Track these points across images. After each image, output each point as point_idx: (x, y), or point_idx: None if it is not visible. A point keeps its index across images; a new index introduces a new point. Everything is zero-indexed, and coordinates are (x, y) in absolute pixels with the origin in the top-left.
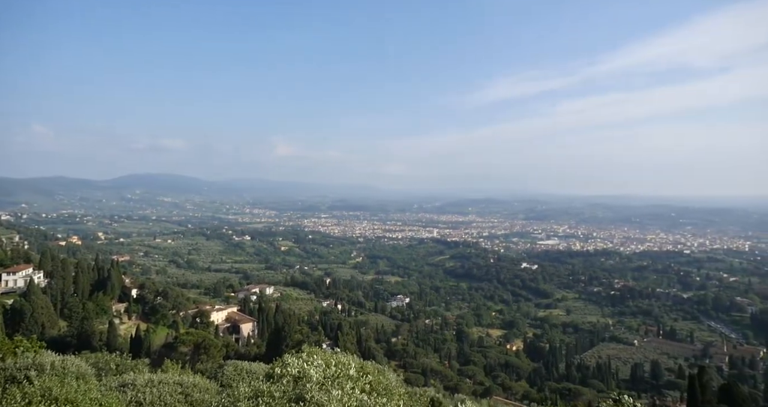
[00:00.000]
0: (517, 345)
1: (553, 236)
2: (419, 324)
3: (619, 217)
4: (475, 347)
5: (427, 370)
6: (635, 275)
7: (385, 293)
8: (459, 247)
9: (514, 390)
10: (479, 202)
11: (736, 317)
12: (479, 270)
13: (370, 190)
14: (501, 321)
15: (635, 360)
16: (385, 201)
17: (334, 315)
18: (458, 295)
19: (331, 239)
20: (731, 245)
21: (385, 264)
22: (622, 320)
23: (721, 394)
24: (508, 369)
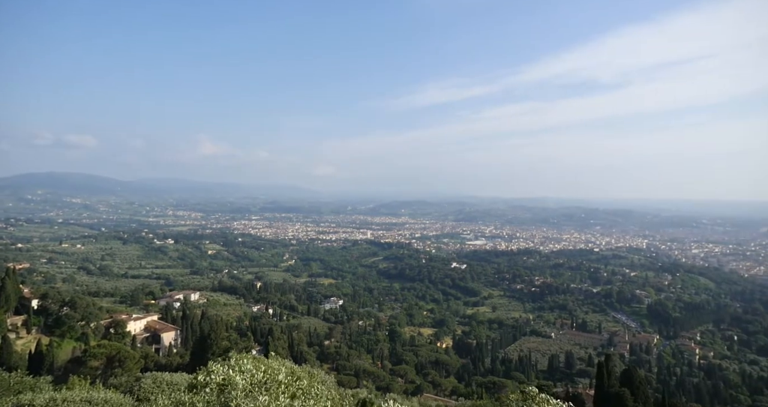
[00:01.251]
0: (446, 343)
1: (480, 237)
2: (353, 325)
3: (538, 218)
4: (407, 346)
5: (359, 371)
6: (553, 272)
7: (318, 296)
8: (392, 248)
9: (443, 387)
10: (411, 204)
11: (636, 308)
12: (412, 271)
13: (303, 191)
14: (432, 320)
15: (552, 352)
16: (319, 203)
17: (264, 319)
18: (391, 295)
19: (262, 241)
20: (632, 243)
21: (319, 266)
22: (542, 314)
23: (623, 378)
24: (438, 367)
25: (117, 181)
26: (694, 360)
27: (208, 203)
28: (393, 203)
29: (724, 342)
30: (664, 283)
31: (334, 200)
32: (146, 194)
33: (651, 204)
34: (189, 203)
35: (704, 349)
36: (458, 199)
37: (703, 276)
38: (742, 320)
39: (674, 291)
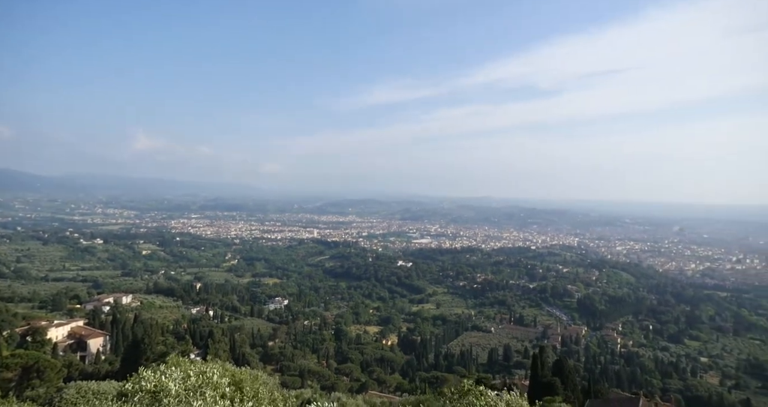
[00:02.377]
0: (392, 340)
1: (426, 235)
2: (298, 325)
3: (481, 217)
4: (353, 344)
5: (304, 371)
6: (494, 269)
7: (262, 296)
8: (339, 247)
9: (388, 383)
10: (359, 202)
11: (568, 302)
12: (358, 269)
13: (248, 189)
14: (378, 318)
15: (492, 346)
16: (264, 201)
17: (204, 322)
18: (338, 294)
19: (203, 241)
20: (565, 241)
21: (263, 266)
22: (483, 310)
23: (554, 368)
24: (384, 364)
25: (36, 176)
26: (616, 349)
27: (144, 201)
28: (341, 202)
29: (642, 332)
30: (592, 278)
31: (281, 198)
32: (72, 191)
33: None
34: (121, 200)
35: (625, 338)
36: (406, 198)
37: (625, 272)
38: (657, 311)
39: (601, 286)
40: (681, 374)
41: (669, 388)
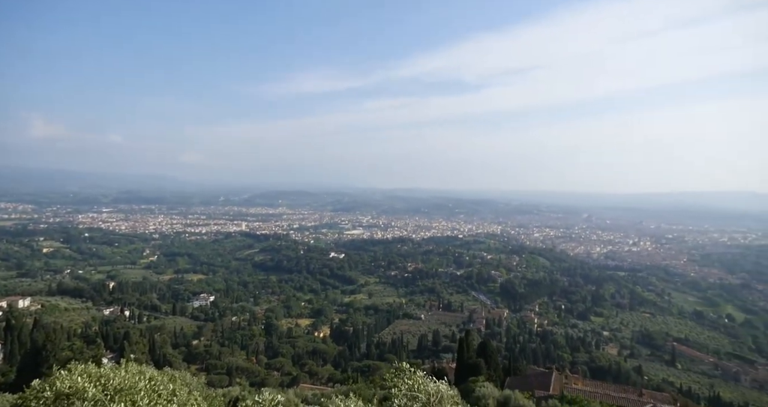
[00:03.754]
0: (324, 332)
1: (358, 226)
2: (225, 322)
3: (411, 207)
4: (284, 338)
5: (232, 369)
6: (424, 258)
7: (185, 293)
8: (269, 240)
9: (320, 375)
10: (290, 194)
11: (491, 287)
12: (289, 262)
13: (168, 180)
14: (310, 310)
15: (422, 332)
16: (187, 193)
17: (119, 323)
18: (268, 288)
19: (116, 236)
20: (489, 229)
21: (187, 262)
22: (413, 298)
23: (479, 350)
24: (316, 356)
25: None
26: (534, 329)
27: (42, 194)
28: (270, 194)
29: (555, 311)
30: (513, 264)
31: (205, 190)
32: None
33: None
34: (15, 192)
35: (541, 318)
36: (338, 189)
37: (541, 256)
38: (568, 291)
39: (521, 270)
40: (587, 347)
41: (577, 361)
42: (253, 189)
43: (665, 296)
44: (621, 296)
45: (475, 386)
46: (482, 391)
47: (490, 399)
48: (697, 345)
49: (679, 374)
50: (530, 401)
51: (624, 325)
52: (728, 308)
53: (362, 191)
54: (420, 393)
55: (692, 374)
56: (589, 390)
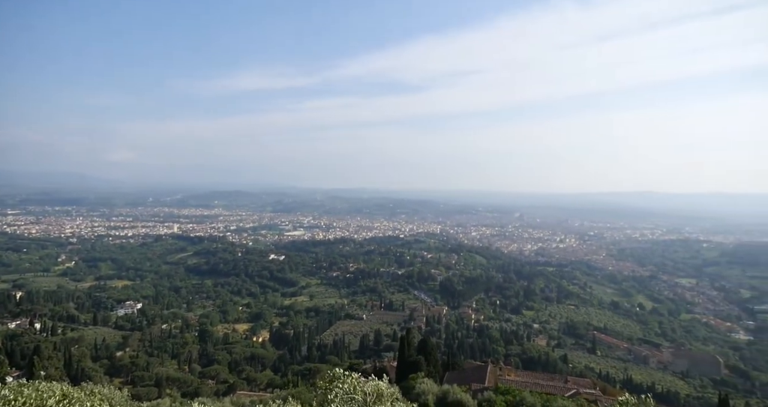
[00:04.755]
0: (263, 336)
1: (299, 227)
2: (154, 330)
3: (353, 208)
4: (220, 345)
5: (162, 380)
6: (365, 258)
7: (109, 302)
8: (204, 242)
9: (259, 381)
10: (227, 195)
11: (431, 285)
12: (226, 265)
13: (91, 180)
14: (249, 314)
15: (363, 332)
16: (110, 194)
17: (28, 337)
18: (203, 293)
19: (25, 241)
20: (429, 229)
21: (110, 267)
22: (355, 299)
23: (419, 347)
24: (254, 361)
25: None
26: (471, 324)
27: None
28: (206, 194)
29: (491, 307)
30: (452, 262)
31: (133, 190)
32: None
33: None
34: None
35: (477, 314)
36: (278, 189)
37: (478, 254)
38: (503, 287)
39: (459, 268)
40: (519, 340)
41: (510, 353)
42: (186, 189)
43: (587, 289)
44: (550, 290)
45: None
46: (422, 387)
47: (429, 394)
48: (613, 333)
49: (599, 360)
50: (467, 394)
51: (552, 317)
52: (640, 297)
53: (304, 192)
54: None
55: (610, 359)
56: (521, 380)
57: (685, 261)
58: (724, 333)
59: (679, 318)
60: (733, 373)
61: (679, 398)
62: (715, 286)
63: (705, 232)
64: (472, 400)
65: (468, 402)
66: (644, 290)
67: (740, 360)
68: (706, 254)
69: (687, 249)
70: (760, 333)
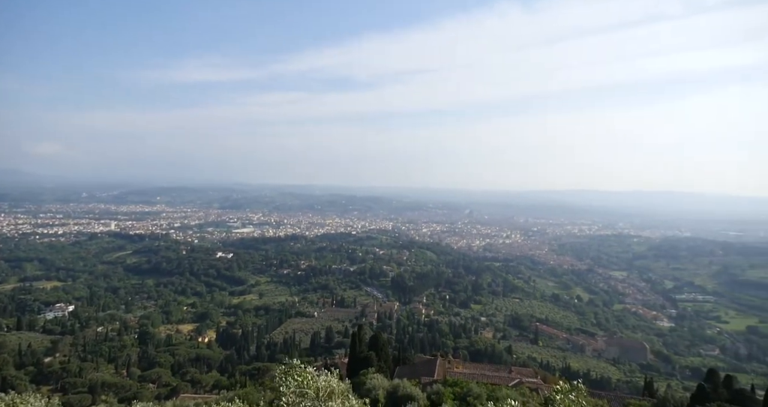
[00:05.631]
0: (210, 337)
1: (248, 224)
2: (88, 333)
3: (305, 204)
4: (162, 347)
5: (97, 386)
6: (317, 255)
7: (35, 304)
8: (145, 240)
9: (204, 383)
10: (170, 190)
11: (383, 281)
12: (169, 264)
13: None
14: (194, 315)
15: (315, 329)
16: (38, 189)
17: None
18: (143, 293)
19: None
20: (381, 225)
21: (37, 268)
22: (306, 296)
23: (371, 343)
24: (200, 363)
25: None
26: (421, 319)
27: None
28: (147, 190)
29: (441, 301)
30: (403, 258)
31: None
32: None
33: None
34: None
35: (428, 309)
36: (225, 185)
37: (429, 250)
38: (452, 282)
39: (410, 264)
40: (468, 333)
41: (459, 346)
42: (125, 185)
43: (531, 283)
44: (496, 284)
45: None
46: (373, 383)
47: (380, 389)
48: (554, 324)
49: (541, 350)
50: (417, 388)
51: (498, 310)
52: (578, 290)
53: (253, 188)
54: (309, 389)
55: (550, 349)
56: (468, 372)
57: (618, 255)
58: (650, 321)
59: (612, 308)
60: (658, 358)
61: (611, 383)
62: (643, 278)
63: (635, 227)
64: (421, 393)
65: (417, 395)
66: (582, 282)
67: (664, 345)
68: (636, 249)
69: (620, 244)
70: (680, 320)
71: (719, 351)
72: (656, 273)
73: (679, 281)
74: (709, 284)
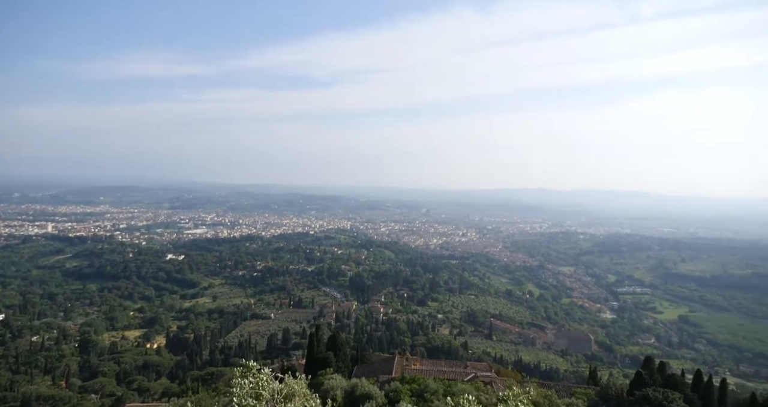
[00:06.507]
0: (159, 342)
1: (201, 225)
2: (21, 343)
3: (261, 204)
4: (107, 355)
5: (31, 399)
6: (274, 256)
7: None
8: (87, 243)
9: (152, 391)
10: (115, 190)
11: (342, 281)
12: (114, 268)
13: None
14: (142, 320)
15: (271, 331)
16: None
17: None
18: (85, 299)
19: None
20: (340, 225)
21: None
22: (263, 297)
23: (329, 343)
24: (148, 370)
25: None
26: (380, 318)
27: None
28: (89, 190)
29: (399, 300)
30: (362, 257)
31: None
32: None
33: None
34: None
35: (386, 307)
36: (176, 185)
37: (387, 249)
38: (410, 281)
39: (368, 263)
40: (425, 330)
41: (417, 344)
42: (63, 185)
43: (486, 280)
44: (453, 282)
45: (324, 379)
46: (331, 383)
47: (338, 389)
48: (507, 319)
49: (495, 345)
50: (375, 386)
51: (455, 307)
52: (529, 285)
53: (207, 187)
54: (264, 390)
55: (504, 343)
56: (426, 368)
57: (566, 251)
58: (594, 314)
59: (561, 302)
60: (601, 348)
61: (560, 373)
62: (589, 272)
63: (582, 225)
64: (379, 392)
65: (375, 393)
66: (533, 278)
67: (606, 336)
68: (582, 245)
69: (568, 241)
70: (621, 311)
71: (655, 339)
72: (600, 268)
73: (620, 275)
74: (647, 278)
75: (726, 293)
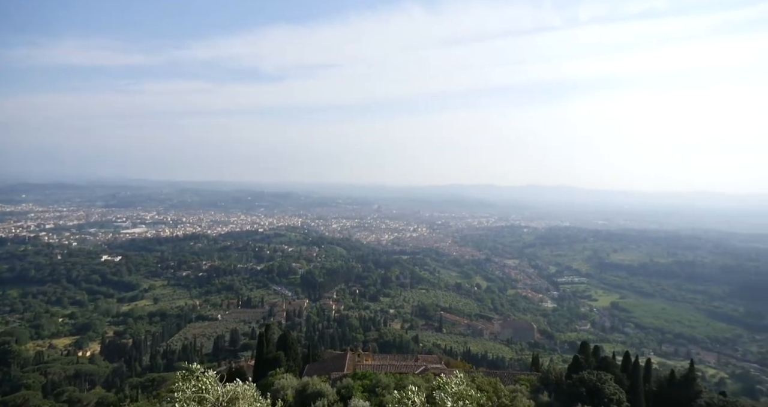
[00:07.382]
0: (93, 349)
1: (140, 224)
2: None
3: (207, 202)
4: (31, 366)
5: None
6: (221, 255)
7: None
8: (6, 245)
9: (85, 402)
10: (42, 187)
11: (292, 279)
12: (40, 271)
13: None
14: (72, 327)
15: (218, 333)
16: None
17: None
18: (5, 306)
19: None
20: (290, 222)
21: None
22: (209, 298)
23: (279, 343)
24: (79, 380)
25: None
26: (332, 315)
27: None
28: (9, 187)
29: (351, 296)
30: (313, 255)
31: None
32: None
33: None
34: None
35: (338, 304)
36: (116, 182)
37: (339, 246)
38: (362, 277)
39: (320, 261)
40: (377, 326)
41: (369, 339)
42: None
43: (436, 274)
44: (404, 277)
45: (274, 379)
46: (281, 383)
47: (288, 389)
48: (456, 311)
49: (445, 337)
50: (326, 384)
51: (406, 302)
52: (477, 278)
53: (149, 184)
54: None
55: (453, 335)
56: (378, 363)
57: (511, 244)
58: (537, 303)
59: (506, 294)
60: (543, 336)
61: (505, 362)
62: (532, 264)
63: (526, 219)
64: (331, 389)
65: (327, 390)
66: (481, 271)
67: (548, 324)
68: (526, 238)
69: (512, 234)
70: (561, 300)
71: (590, 325)
72: (542, 260)
73: (560, 266)
74: (584, 268)
75: (651, 281)
